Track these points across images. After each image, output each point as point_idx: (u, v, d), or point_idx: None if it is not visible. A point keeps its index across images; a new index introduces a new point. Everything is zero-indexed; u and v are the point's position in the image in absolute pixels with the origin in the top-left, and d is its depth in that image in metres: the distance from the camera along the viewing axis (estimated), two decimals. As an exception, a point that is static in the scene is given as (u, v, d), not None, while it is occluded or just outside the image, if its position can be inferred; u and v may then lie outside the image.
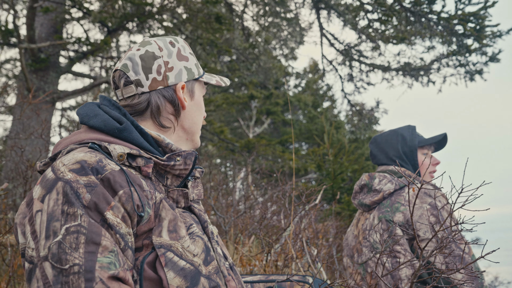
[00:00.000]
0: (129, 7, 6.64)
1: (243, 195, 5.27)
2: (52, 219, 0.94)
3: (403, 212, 2.06)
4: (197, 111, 1.32)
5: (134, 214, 1.02)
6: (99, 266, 0.91)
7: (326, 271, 3.21)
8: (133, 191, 1.03)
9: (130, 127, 1.16)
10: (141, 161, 1.12)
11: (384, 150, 2.34)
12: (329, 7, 8.08)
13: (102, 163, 1.03)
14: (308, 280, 1.58)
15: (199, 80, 1.33)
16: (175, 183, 1.20)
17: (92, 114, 1.18)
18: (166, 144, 1.20)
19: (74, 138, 1.16)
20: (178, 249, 1.07)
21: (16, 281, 2.46)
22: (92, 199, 0.97)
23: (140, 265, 1.03)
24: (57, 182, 0.98)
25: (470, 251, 1.90)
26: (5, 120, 4.35)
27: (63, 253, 0.90)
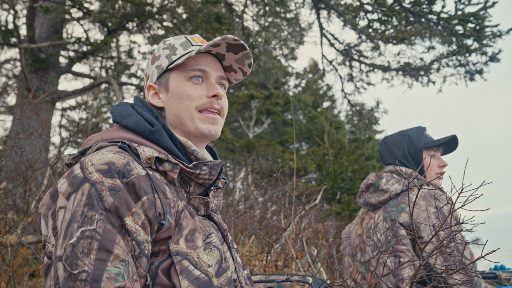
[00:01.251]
0: (129, 7, 6.64)
1: (243, 195, 5.27)
2: (73, 220, 0.95)
3: (409, 212, 2.06)
4: (175, 102, 1.24)
5: (155, 221, 1.02)
6: (107, 276, 0.91)
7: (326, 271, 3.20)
8: (156, 198, 1.03)
9: (161, 130, 1.17)
10: (168, 166, 1.13)
11: (391, 150, 2.36)
12: (329, 7, 8.08)
13: (129, 166, 1.04)
14: (308, 280, 1.58)
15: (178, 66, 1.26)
16: (198, 191, 1.20)
17: (125, 114, 1.20)
18: (192, 151, 1.20)
19: (106, 135, 1.17)
20: (194, 258, 1.06)
21: (16, 281, 2.46)
22: (114, 203, 0.97)
23: (154, 270, 1.02)
24: (84, 182, 0.99)
25: (472, 257, 1.88)
26: (5, 120, 4.35)
27: (75, 257, 0.91)
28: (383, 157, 2.42)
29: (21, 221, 2.72)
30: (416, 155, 2.28)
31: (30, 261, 3.51)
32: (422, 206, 2.01)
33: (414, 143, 2.30)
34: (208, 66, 1.26)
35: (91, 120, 8.64)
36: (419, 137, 2.32)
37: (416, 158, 2.28)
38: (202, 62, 1.26)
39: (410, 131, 2.35)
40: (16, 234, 3.15)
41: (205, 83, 1.26)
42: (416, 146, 2.29)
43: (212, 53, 1.29)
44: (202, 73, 1.25)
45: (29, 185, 2.80)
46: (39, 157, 3.94)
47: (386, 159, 2.39)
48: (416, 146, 2.29)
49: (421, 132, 2.34)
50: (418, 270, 1.30)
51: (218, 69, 1.29)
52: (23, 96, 6.28)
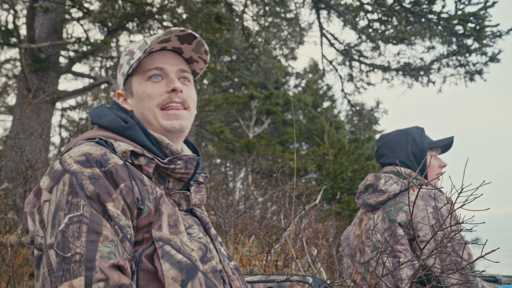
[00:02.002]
0: (129, 7, 6.64)
1: (243, 195, 5.27)
2: (58, 209, 0.99)
3: (407, 212, 2.05)
4: (139, 103, 1.28)
5: (134, 207, 1.06)
6: (100, 256, 0.94)
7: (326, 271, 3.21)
8: (134, 185, 1.07)
9: (135, 126, 1.21)
10: (143, 160, 1.17)
11: (392, 150, 2.31)
12: (329, 7, 8.08)
13: (106, 156, 1.08)
14: (308, 280, 1.58)
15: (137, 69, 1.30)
16: (177, 186, 1.23)
17: (101, 114, 1.26)
18: (166, 145, 1.23)
19: (85, 135, 1.22)
20: (176, 243, 1.09)
21: (16, 281, 2.46)
22: (95, 190, 1.01)
23: (138, 256, 1.06)
24: (64, 173, 1.03)
25: (470, 258, 1.88)
26: (5, 120, 4.35)
27: (66, 241, 0.94)
28: (382, 156, 2.36)
29: (21, 221, 2.72)
30: (420, 155, 2.26)
31: (30, 261, 3.51)
32: (420, 205, 2.01)
33: (418, 144, 2.28)
34: (165, 63, 1.28)
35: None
36: (422, 138, 2.30)
37: (420, 159, 2.25)
38: (158, 60, 1.28)
39: (411, 131, 2.31)
40: (16, 234, 3.15)
41: (165, 80, 1.28)
42: (421, 146, 2.27)
43: (169, 49, 1.32)
44: (160, 70, 1.27)
45: (29, 185, 2.80)
46: (39, 157, 3.94)
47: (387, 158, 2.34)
48: (420, 147, 2.27)
49: (422, 132, 2.33)
50: (417, 270, 1.30)
51: (178, 63, 1.31)
52: (23, 96, 6.28)
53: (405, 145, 2.28)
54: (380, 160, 2.39)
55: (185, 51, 1.33)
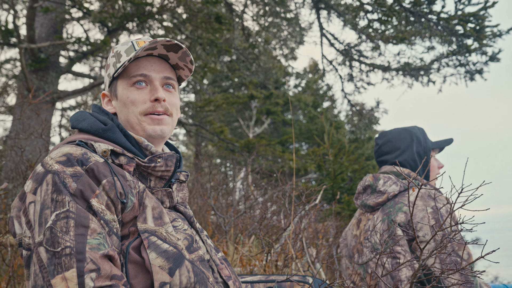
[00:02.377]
0: (129, 7, 6.64)
1: (243, 195, 5.27)
2: (44, 208, 1.00)
3: (406, 212, 2.04)
4: (123, 108, 1.29)
5: (117, 201, 1.08)
6: (89, 247, 0.96)
7: (325, 271, 3.21)
8: (116, 180, 1.09)
9: (114, 128, 1.24)
10: (123, 159, 1.19)
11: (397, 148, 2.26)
12: (329, 7, 8.08)
13: (87, 155, 1.10)
14: (308, 280, 1.58)
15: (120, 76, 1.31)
16: (159, 185, 1.25)
17: (81, 119, 1.28)
18: (146, 146, 1.25)
19: (65, 140, 1.24)
20: (162, 234, 1.11)
21: (16, 281, 2.46)
22: (78, 187, 1.03)
23: (125, 249, 1.07)
24: (46, 174, 1.05)
25: (469, 258, 1.87)
26: (5, 120, 4.35)
27: (55, 237, 0.96)
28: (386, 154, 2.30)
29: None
30: (424, 155, 2.23)
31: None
32: (419, 206, 2.00)
33: (423, 143, 2.25)
34: (151, 70, 1.29)
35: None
36: (426, 138, 2.29)
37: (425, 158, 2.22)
38: (143, 67, 1.29)
39: (414, 130, 2.28)
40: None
41: (149, 87, 1.29)
42: (425, 146, 2.24)
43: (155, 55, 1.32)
44: (144, 77, 1.28)
45: (29, 185, 2.79)
46: (39, 157, 3.94)
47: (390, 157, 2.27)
48: (425, 146, 2.24)
49: (424, 133, 2.31)
50: (417, 271, 1.30)
51: (163, 70, 1.32)
52: (23, 96, 6.28)
53: (410, 145, 2.24)
54: (382, 157, 2.32)
55: (172, 58, 1.34)
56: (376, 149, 2.36)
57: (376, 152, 2.36)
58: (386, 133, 2.34)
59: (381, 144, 2.33)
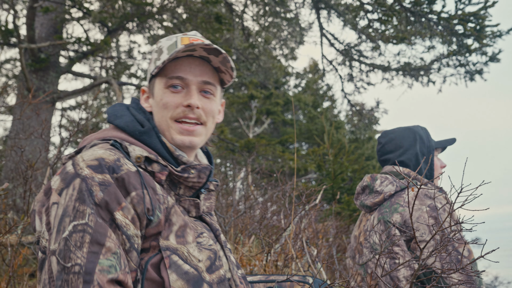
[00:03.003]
0: (129, 7, 6.64)
1: (243, 195, 5.27)
2: (65, 214, 0.97)
3: (401, 212, 2.05)
4: (158, 109, 1.23)
5: (143, 217, 1.03)
6: (99, 269, 0.93)
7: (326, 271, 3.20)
8: (145, 194, 1.04)
9: (151, 131, 1.19)
10: (156, 167, 1.14)
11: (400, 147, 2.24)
12: (329, 7, 8.08)
13: (119, 162, 1.05)
14: (308, 280, 1.58)
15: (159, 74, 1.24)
16: (188, 193, 1.21)
17: (118, 114, 1.22)
18: (177, 156, 1.20)
19: (100, 135, 1.19)
20: (183, 253, 1.07)
21: (16, 281, 2.46)
22: (104, 197, 0.99)
23: (144, 265, 1.04)
24: (75, 177, 1.01)
25: (470, 255, 1.88)
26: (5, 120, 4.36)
27: (68, 250, 0.93)
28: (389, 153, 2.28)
29: (21, 221, 2.72)
30: (428, 155, 2.22)
31: (30, 261, 3.51)
32: (416, 205, 2.00)
33: (426, 143, 2.24)
34: (189, 72, 1.21)
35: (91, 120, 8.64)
36: (429, 137, 2.28)
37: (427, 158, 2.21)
38: (181, 69, 1.21)
39: (417, 129, 2.26)
40: (16, 234, 3.15)
41: (185, 90, 1.22)
42: (429, 145, 2.23)
43: (196, 56, 1.23)
44: (181, 80, 1.20)
45: (29, 185, 2.80)
46: (39, 157, 3.94)
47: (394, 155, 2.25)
48: (428, 146, 2.23)
49: (427, 132, 2.31)
50: (417, 270, 1.30)
51: (202, 73, 1.23)
52: (23, 96, 6.28)
53: (413, 144, 2.23)
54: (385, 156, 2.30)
55: (213, 61, 1.25)
56: (379, 148, 2.34)
57: (379, 151, 2.34)
58: (389, 132, 2.32)
59: (384, 143, 2.31)
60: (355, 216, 5.82)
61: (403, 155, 2.23)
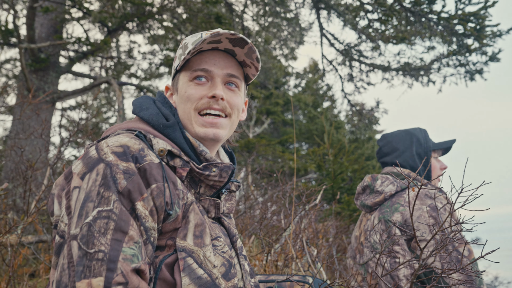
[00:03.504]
0: (129, 7, 6.63)
1: (243, 195, 5.27)
2: (88, 199, 0.95)
3: (402, 212, 2.06)
4: (181, 103, 1.23)
5: (162, 210, 1.02)
6: (123, 257, 0.91)
7: (326, 271, 3.20)
8: (166, 187, 1.03)
9: (176, 126, 1.18)
10: (179, 162, 1.13)
11: (396, 149, 2.29)
12: (329, 7, 8.08)
13: (143, 152, 1.04)
14: (308, 280, 1.58)
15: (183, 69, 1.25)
16: (208, 192, 1.19)
17: (144, 107, 1.22)
18: (200, 151, 1.18)
19: (124, 125, 1.19)
20: (199, 257, 1.06)
21: (16, 281, 2.46)
22: (127, 186, 0.98)
23: (158, 263, 1.02)
24: (99, 162, 0.99)
25: (470, 254, 1.88)
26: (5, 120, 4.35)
27: (91, 236, 0.91)
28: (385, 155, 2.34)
29: (21, 221, 2.72)
30: (425, 156, 2.25)
31: (30, 261, 3.51)
32: (416, 205, 2.02)
33: (423, 144, 2.27)
34: (213, 65, 1.21)
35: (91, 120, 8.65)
36: (426, 139, 2.30)
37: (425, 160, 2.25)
38: (206, 61, 1.21)
39: (415, 132, 2.30)
40: (16, 234, 3.15)
41: (209, 83, 1.21)
42: (425, 147, 2.26)
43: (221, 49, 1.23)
44: (205, 72, 1.21)
45: (29, 185, 2.80)
46: (39, 157, 3.94)
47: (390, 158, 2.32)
48: (425, 147, 2.26)
49: (426, 134, 2.33)
50: (417, 270, 1.30)
51: (227, 66, 1.22)
52: (23, 96, 6.28)
53: (409, 146, 2.26)
54: (383, 159, 2.36)
55: (238, 54, 1.24)
56: (378, 151, 2.40)
57: (377, 153, 2.40)
58: (387, 135, 2.38)
59: (382, 146, 2.37)
60: (355, 216, 5.82)
61: (400, 157, 2.28)
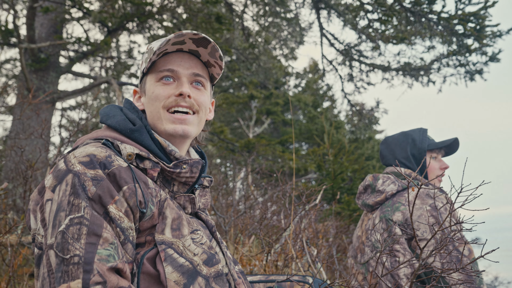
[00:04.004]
0: (129, 7, 6.64)
1: (243, 195, 5.27)
2: (60, 209, 0.99)
3: (403, 211, 2.07)
4: (149, 103, 1.26)
5: (136, 209, 1.05)
6: (98, 258, 0.94)
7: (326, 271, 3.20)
8: (137, 188, 1.07)
9: (142, 129, 1.21)
10: (148, 163, 1.16)
11: (392, 151, 2.36)
12: (329, 7, 8.08)
13: (110, 158, 1.08)
14: (308, 280, 1.58)
15: (150, 71, 1.28)
16: (182, 190, 1.22)
17: (111, 114, 1.25)
18: (170, 151, 1.21)
19: (92, 135, 1.22)
20: (179, 247, 1.09)
21: (16, 281, 2.46)
22: (97, 192, 1.01)
23: (140, 259, 1.05)
24: (67, 173, 1.03)
25: (471, 254, 1.88)
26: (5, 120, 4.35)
27: (65, 243, 0.94)
28: (384, 158, 2.42)
29: (21, 221, 2.72)
30: (419, 156, 2.28)
31: (30, 261, 3.51)
32: (417, 204, 2.03)
33: (418, 145, 2.30)
34: (179, 65, 1.25)
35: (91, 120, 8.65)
36: (422, 139, 2.32)
37: (419, 160, 2.28)
38: (172, 62, 1.25)
39: (412, 133, 2.35)
40: (16, 234, 3.15)
41: (176, 83, 1.25)
42: (420, 147, 2.29)
43: (186, 51, 1.28)
44: (171, 72, 1.25)
45: (29, 185, 2.80)
46: (39, 157, 3.94)
47: (388, 159, 2.39)
48: (419, 148, 2.29)
49: (423, 134, 2.35)
50: (417, 270, 1.30)
51: (192, 66, 1.27)
52: (23, 96, 6.28)
53: (404, 146, 2.32)
54: (383, 161, 2.44)
55: (203, 55, 1.29)
56: (380, 154, 2.48)
57: (380, 156, 2.48)
58: (387, 138, 2.46)
59: (382, 148, 2.45)
60: (355, 216, 5.83)
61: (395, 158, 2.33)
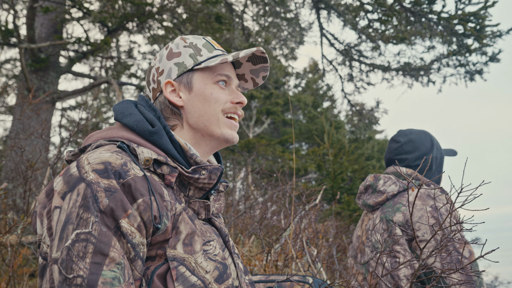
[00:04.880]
0: (129, 7, 6.64)
1: (243, 195, 5.27)
2: (68, 221, 0.94)
3: (403, 212, 2.06)
4: (200, 103, 1.21)
5: (150, 224, 1.00)
6: (102, 281, 0.90)
7: (326, 271, 3.20)
8: (152, 201, 1.01)
9: (162, 131, 1.15)
10: (166, 169, 1.11)
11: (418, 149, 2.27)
12: (329, 7, 8.08)
13: (126, 167, 1.02)
14: (308, 280, 1.58)
15: (204, 68, 1.24)
16: (197, 194, 1.19)
17: (127, 112, 1.18)
18: (191, 155, 1.17)
19: (106, 133, 1.16)
20: (191, 264, 1.05)
21: (16, 281, 2.46)
22: (109, 204, 0.95)
23: (150, 275, 1.01)
24: (80, 182, 0.97)
25: (471, 256, 1.88)
26: (5, 120, 4.35)
27: (70, 260, 0.90)
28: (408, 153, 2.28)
29: (21, 221, 2.72)
30: (440, 160, 2.31)
31: (30, 261, 3.51)
32: (418, 205, 2.03)
33: (440, 149, 2.34)
34: (232, 73, 1.28)
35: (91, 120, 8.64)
36: (439, 143, 2.37)
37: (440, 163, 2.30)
38: (227, 68, 1.27)
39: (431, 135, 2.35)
40: (16, 234, 3.15)
41: (227, 89, 1.26)
42: (441, 152, 2.34)
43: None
44: (227, 78, 1.25)
45: (29, 185, 2.80)
46: (39, 157, 3.94)
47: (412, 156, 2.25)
48: (441, 152, 2.33)
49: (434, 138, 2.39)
50: (417, 270, 1.30)
51: (235, 76, 1.31)
52: (23, 96, 6.28)
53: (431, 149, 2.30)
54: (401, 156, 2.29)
55: (243, 68, 1.33)
56: (396, 147, 2.32)
57: (395, 149, 2.32)
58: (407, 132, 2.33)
59: (403, 142, 2.30)
60: (355, 216, 5.83)
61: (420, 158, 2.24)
